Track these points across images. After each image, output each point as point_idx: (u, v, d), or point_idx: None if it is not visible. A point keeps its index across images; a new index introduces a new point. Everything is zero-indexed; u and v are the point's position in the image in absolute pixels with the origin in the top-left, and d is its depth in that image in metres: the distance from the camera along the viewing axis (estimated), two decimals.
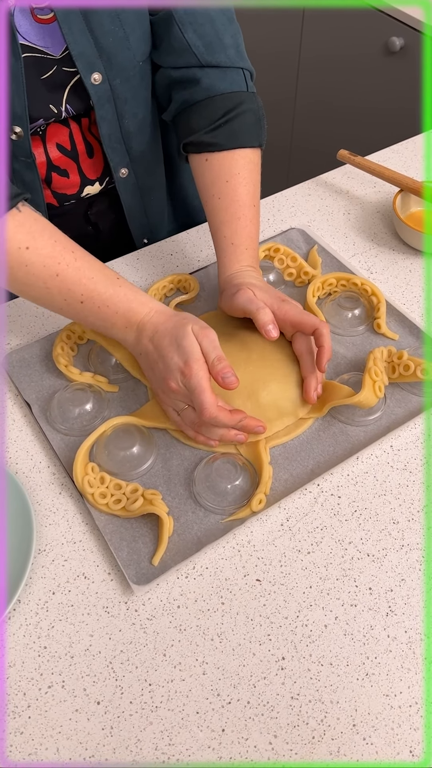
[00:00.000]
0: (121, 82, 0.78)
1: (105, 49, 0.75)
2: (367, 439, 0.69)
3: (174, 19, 0.76)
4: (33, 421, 0.71)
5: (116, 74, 0.77)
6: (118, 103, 0.80)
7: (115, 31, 0.74)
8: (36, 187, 0.81)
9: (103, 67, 0.76)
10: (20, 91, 0.72)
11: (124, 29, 0.75)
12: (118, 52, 0.76)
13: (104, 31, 0.74)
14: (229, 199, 0.76)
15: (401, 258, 0.89)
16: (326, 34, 1.73)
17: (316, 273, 0.83)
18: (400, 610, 0.58)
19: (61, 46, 0.73)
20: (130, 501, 0.62)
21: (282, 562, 0.61)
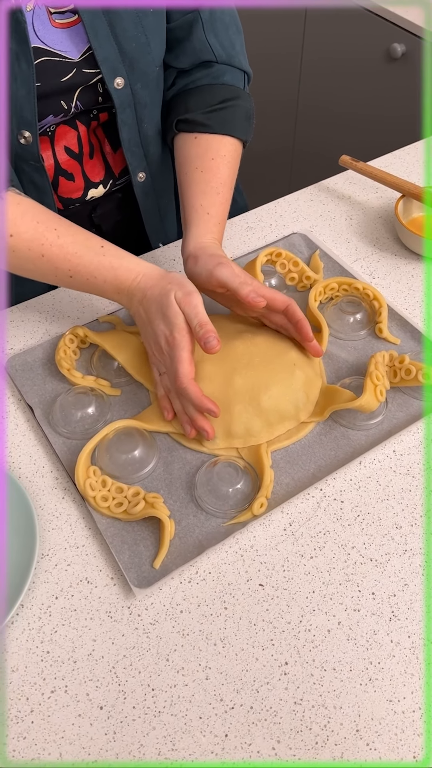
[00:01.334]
0: (142, 86, 0.81)
1: (128, 54, 0.77)
2: (369, 443, 0.69)
3: (201, 22, 0.81)
4: (35, 425, 0.71)
5: (137, 79, 0.80)
6: (138, 108, 0.82)
7: (137, 36, 0.77)
8: (46, 190, 0.82)
9: (126, 72, 0.78)
10: (31, 97, 0.72)
11: (146, 35, 0.77)
12: (140, 57, 0.78)
13: (127, 36, 0.76)
14: (212, 173, 0.79)
15: (403, 263, 0.89)
16: (328, 41, 1.74)
17: (318, 278, 0.83)
18: (403, 615, 0.58)
19: (80, 49, 0.74)
20: (131, 504, 0.62)
21: (285, 567, 0.61)
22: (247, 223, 0.94)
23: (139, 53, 0.78)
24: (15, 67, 0.70)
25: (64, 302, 0.83)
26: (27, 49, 0.69)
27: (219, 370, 0.70)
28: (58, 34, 0.73)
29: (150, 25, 0.77)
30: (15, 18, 0.68)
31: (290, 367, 0.71)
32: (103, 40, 0.74)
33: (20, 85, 0.71)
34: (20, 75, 0.71)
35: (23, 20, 0.68)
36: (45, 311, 0.82)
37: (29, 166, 0.79)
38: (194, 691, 0.54)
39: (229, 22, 0.84)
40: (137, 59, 0.78)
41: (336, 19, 1.66)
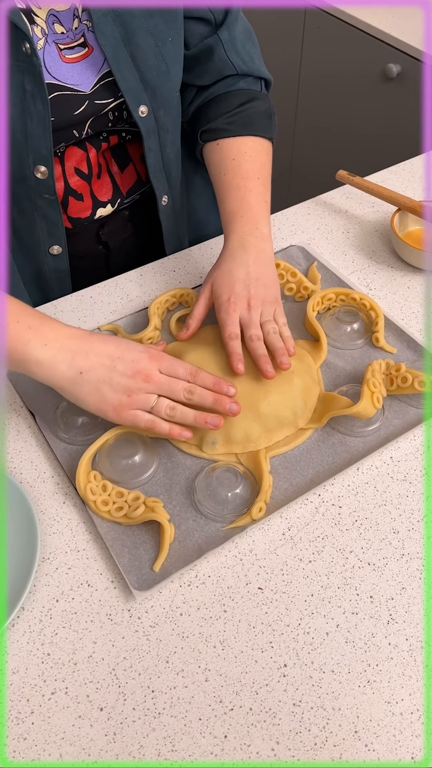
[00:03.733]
0: (164, 113, 0.83)
1: (150, 82, 0.79)
2: (366, 449, 0.69)
3: (221, 43, 0.84)
4: (37, 430, 0.72)
5: (160, 106, 0.82)
6: (161, 134, 0.84)
7: (158, 65, 0.79)
8: (58, 223, 0.83)
9: (149, 100, 0.80)
10: (47, 134, 0.74)
11: (166, 63, 0.79)
12: (161, 85, 0.80)
13: (149, 65, 0.78)
14: (232, 173, 0.81)
15: (399, 275, 0.90)
16: (325, 61, 1.77)
17: (315, 288, 0.85)
18: (401, 618, 0.58)
19: (91, 81, 0.76)
20: (131, 508, 0.63)
21: (283, 571, 0.61)
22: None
23: (160, 81, 0.80)
24: (31, 106, 0.71)
25: (66, 312, 0.85)
26: (42, 89, 0.71)
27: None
28: (70, 69, 0.75)
29: (169, 54, 0.79)
30: (29, 60, 0.69)
31: (288, 374, 0.72)
32: (126, 70, 0.76)
33: (36, 123, 0.73)
34: (36, 114, 0.72)
35: (38, 63, 0.69)
36: None
37: (43, 200, 0.80)
38: (194, 693, 0.54)
39: (245, 37, 0.86)
40: (158, 87, 0.80)
41: (333, 40, 1.70)
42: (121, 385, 0.64)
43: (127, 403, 0.64)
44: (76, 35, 0.74)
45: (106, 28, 0.73)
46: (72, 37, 0.74)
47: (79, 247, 0.90)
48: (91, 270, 0.94)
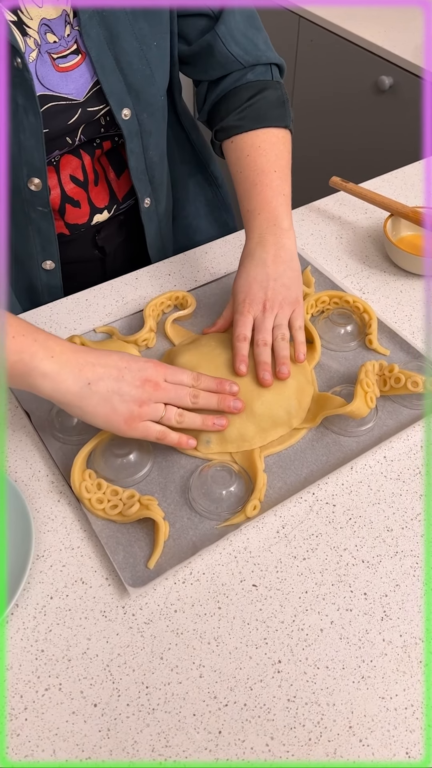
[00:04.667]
0: (147, 116, 0.83)
1: (134, 86, 0.79)
2: (360, 449, 0.70)
3: (218, 38, 0.82)
4: (32, 430, 0.72)
5: (143, 109, 0.82)
6: (144, 137, 0.84)
7: (142, 69, 0.78)
8: (51, 238, 0.83)
9: (132, 103, 0.79)
10: (39, 145, 0.74)
11: (150, 67, 0.79)
12: (145, 89, 0.80)
13: (133, 69, 0.77)
14: (249, 169, 0.79)
15: (392, 279, 0.91)
16: (319, 74, 1.79)
17: (309, 291, 0.85)
18: (394, 615, 0.59)
19: (84, 89, 0.76)
20: (126, 506, 0.63)
21: (278, 568, 0.62)
22: (240, 241, 0.97)
23: (143, 84, 0.80)
24: (24, 119, 0.72)
25: (62, 314, 0.85)
26: (34, 102, 0.71)
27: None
28: (63, 78, 0.74)
29: (153, 58, 0.79)
30: (21, 75, 0.69)
31: None
32: (110, 74, 0.76)
33: (29, 136, 0.73)
34: (29, 127, 0.73)
35: (29, 77, 0.70)
36: (43, 323, 0.84)
37: (36, 213, 0.80)
38: (188, 689, 0.54)
39: (246, 25, 0.83)
40: (142, 90, 0.80)
41: (326, 53, 1.72)
42: (131, 395, 0.63)
43: (138, 414, 0.63)
44: (68, 42, 0.74)
45: (92, 30, 0.73)
46: (65, 45, 0.74)
47: (76, 252, 0.91)
48: (87, 275, 0.95)
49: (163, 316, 0.84)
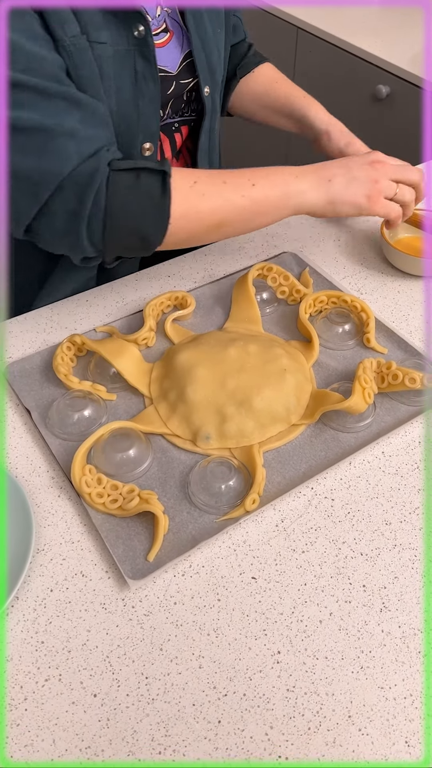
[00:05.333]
0: (218, 97, 0.93)
1: (211, 65, 0.89)
2: (358, 444, 0.70)
3: (240, 21, 1.05)
4: (33, 427, 0.72)
5: (214, 88, 0.91)
6: (213, 116, 0.92)
7: (216, 51, 0.89)
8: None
9: (210, 81, 0.90)
10: (156, 111, 0.81)
11: (219, 50, 0.90)
12: (217, 69, 0.91)
13: (210, 50, 0.88)
14: (291, 86, 1.05)
15: (389, 280, 0.92)
16: (317, 84, 1.81)
17: (308, 291, 0.86)
18: (393, 606, 0.59)
19: (176, 64, 0.85)
20: (126, 500, 0.63)
21: (277, 561, 0.62)
22: (239, 243, 0.98)
23: (216, 65, 0.90)
24: (143, 86, 0.78)
25: (62, 314, 0.86)
26: (154, 69, 0.78)
27: (212, 374, 0.72)
28: (160, 52, 0.82)
29: (220, 42, 0.91)
30: (144, 42, 0.76)
31: (281, 372, 0.73)
32: (198, 50, 0.86)
33: (148, 102, 0.80)
34: (148, 93, 0.79)
35: (151, 43, 0.76)
36: (43, 323, 0.85)
37: None
38: (187, 679, 0.54)
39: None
40: (215, 71, 0.90)
41: (324, 63, 1.75)
42: (365, 176, 0.79)
43: (376, 191, 0.79)
44: (159, 21, 0.83)
45: (188, 14, 0.84)
46: (156, 23, 0.82)
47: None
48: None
49: (162, 316, 0.84)
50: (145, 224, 0.72)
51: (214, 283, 0.89)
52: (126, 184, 0.70)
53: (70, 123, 0.68)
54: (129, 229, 0.72)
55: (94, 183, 0.69)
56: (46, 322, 0.85)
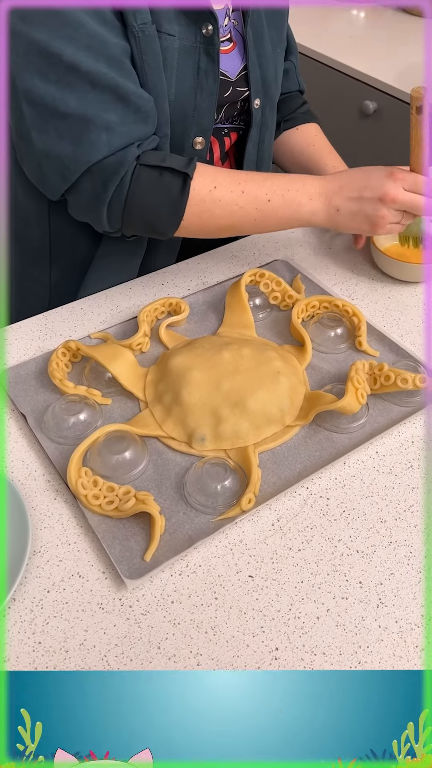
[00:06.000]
0: (269, 111, 0.97)
1: (266, 81, 0.93)
2: (352, 444, 0.71)
3: (294, 67, 1.08)
4: (28, 432, 0.73)
5: (267, 103, 0.95)
6: (263, 129, 0.97)
7: (272, 69, 0.94)
8: None
9: (262, 95, 0.94)
10: (212, 107, 0.86)
11: (276, 69, 0.95)
12: (272, 85, 0.95)
13: (267, 66, 0.93)
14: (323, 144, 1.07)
15: (380, 286, 0.93)
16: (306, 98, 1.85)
17: (300, 297, 0.87)
18: (390, 602, 0.59)
19: (235, 71, 0.90)
20: (122, 501, 0.63)
21: (273, 559, 0.62)
22: (231, 252, 0.99)
23: (271, 83, 0.95)
24: (204, 81, 0.83)
25: (57, 322, 0.87)
26: (216, 67, 0.83)
27: (207, 377, 0.72)
28: (224, 58, 0.87)
29: (278, 62, 0.96)
30: (211, 41, 0.81)
31: (275, 374, 0.74)
32: (254, 65, 0.91)
33: (205, 97, 0.84)
34: (206, 89, 0.84)
35: (217, 42, 0.81)
36: (38, 330, 0.85)
37: None
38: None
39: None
40: (270, 87, 0.95)
41: (312, 80, 1.78)
42: (373, 212, 0.80)
43: (381, 224, 0.81)
44: (225, 31, 0.88)
45: (249, 29, 0.88)
46: (223, 32, 0.87)
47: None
48: (186, 246, 0.99)
49: (156, 322, 0.85)
50: (160, 218, 0.79)
51: (207, 289, 0.90)
52: (149, 179, 0.76)
53: (111, 117, 0.74)
54: (144, 220, 0.79)
55: (119, 173, 0.75)
56: (40, 330, 0.86)
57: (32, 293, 0.97)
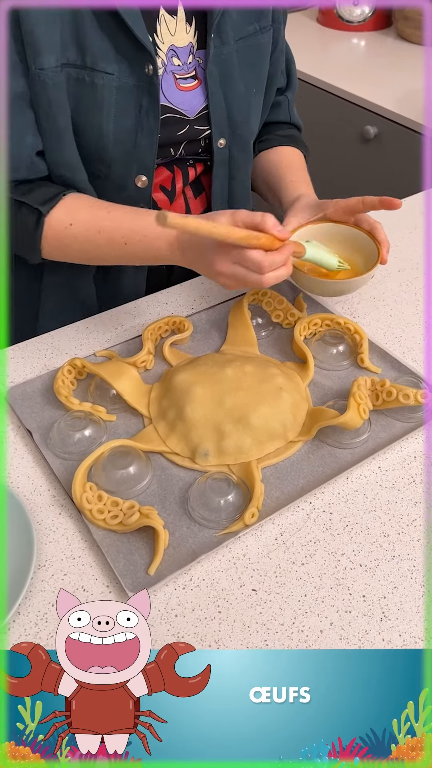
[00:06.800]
0: (238, 151, 0.96)
1: (234, 122, 0.92)
2: (355, 460, 0.71)
3: (288, 102, 1.06)
4: (34, 448, 0.73)
5: (236, 143, 0.95)
6: (232, 167, 0.97)
7: (243, 110, 0.92)
8: None
9: (228, 136, 0.93)
10: (153, 146, 0.85)
11: (249, 110, 0.94)
12: (243, 127, 0.94)
13: (235, 107, 0.91)
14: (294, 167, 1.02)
15: (381, 305, 0.95)
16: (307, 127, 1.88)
17: (302, 315, 0.88)
18: (393, 616, 0.59)
19: (196, 110, 0.89)
20: (126, 516, 0.64)
21: (277, 573, 0.62)
22: None
23: (241, 123, 0.93)
24: (144, 120, 0.83)
25: (63, 341, 0.88)
26: (156, 107, 0.83)
27: (210, 393, 0.73)
28: (182, 96, 0.87)
29: (253, 103, 0.94)
30: (150, 81, 0.81)
31: (277, 390, 0.75)
32: (217, 105, 0.90)
33: (145, 135, 0.84)
34: (147, 127, 0.84)
35: (157, 83, 0.81)
36: (44, 349, 0.87)
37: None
38: None
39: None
40: (240, 128, 0.93)
41: (314, 106, 1.81)
42: (215, 278, 0.75)
43: (227, 286, 0.75)
44: (189, 69, 0.87)
45: (213, 67, 0.87)
46: (186, 69, 0.87)
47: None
48: (149, 284, 0.99)
49: (161, 340, 0.86)
50: (21, 247, 0.83)
51: (210, 309, 0.92)
52: (11, 212, 0.80)
53: None
54: (13, 246, 0.84)
55: None
56: (47, 348, 0.87)
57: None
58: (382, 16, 1.99)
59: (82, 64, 0.78)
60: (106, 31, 0.78)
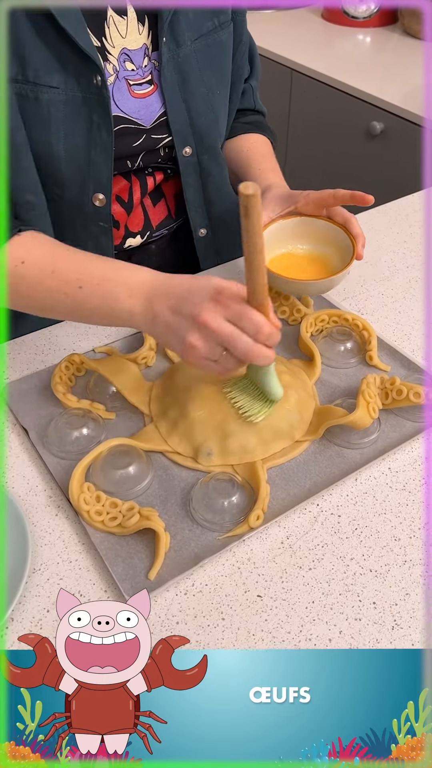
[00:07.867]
0: (208, 158, 0.89)
1: (198, 128, 0.86)
2: (364, 460, 0.69)
3: (252, 90, 1.00)
4: (29, 446, 0.71)
5: (205, 151, 0.88)
6: (203, 175, 0.90)
7: (207, 113, 0.85)
8: (108, 252, 0.85)
9: (194, 143, 0.86)
10: (108, 162, 0.78)
11: (215, 112, 0.87)
12: (209, 133, 0.87)
13: (199, 113, 0.85)
14: (263, 154, 0.97)
15: (390, 301, 0.92)
16: (313, 120, 1.86)
17: (308, 311, 0.86)
18: (405, 624, 0.56)
19: (152, 117, 0.82)
20: (126, 518, 0.61)
21: (283, 579, 0.59)
22: (239, 268, 0.98)
23: (208, 129, 0.87)
24: (97, 136, 0.76)
25: (61, 336, 0.85)
26: (108, 120, 0.76)
27: (214, 391, 0.70)
28: (137, 103, 0.80)
29: (217, 104, 0.87)
30: (99, 92, 0.74)
31: (285, 389, 0.72)
32: (177, 112, 0.82)
33: (100, 152, 0.77)
34: (100, 143, 0.77)
35: (107, 95, 0.74)
36: (42, 345, 0.84)
37: (98, 228, 0.83)
38: None
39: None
40: (206, 134, 0.87)
41: (319, 102, 1.79)
42: (185, 336, 0.60)
43: (189, 352, 0.60)
44: (144, 73, 0.80)
45: (168, 72, 0.80)
46: (141, 74, 0.79)
47: None
48: None
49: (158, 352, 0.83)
50: None
51: None
52: None
53: None
54: None
55: None
56: (44, 344, 0.84)
57: None
58: (388, 12, 1.96)
59: (23, 79, 0.70)
60: (44, 38, 0.69)
